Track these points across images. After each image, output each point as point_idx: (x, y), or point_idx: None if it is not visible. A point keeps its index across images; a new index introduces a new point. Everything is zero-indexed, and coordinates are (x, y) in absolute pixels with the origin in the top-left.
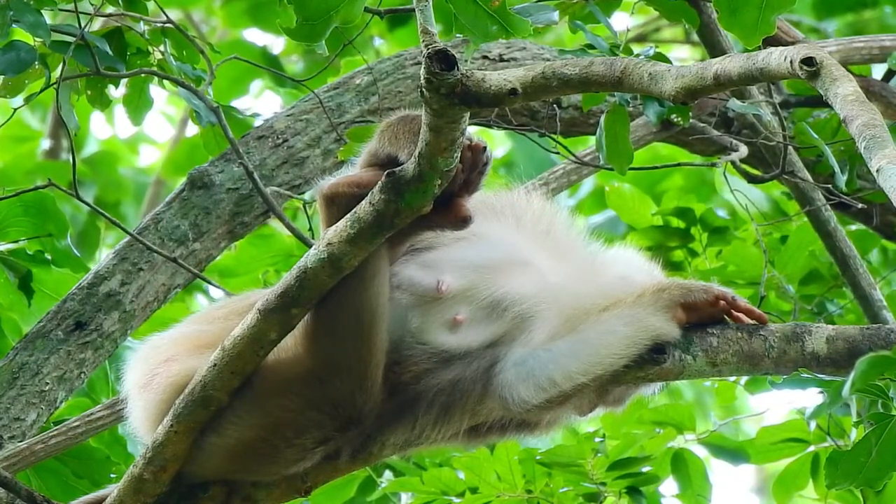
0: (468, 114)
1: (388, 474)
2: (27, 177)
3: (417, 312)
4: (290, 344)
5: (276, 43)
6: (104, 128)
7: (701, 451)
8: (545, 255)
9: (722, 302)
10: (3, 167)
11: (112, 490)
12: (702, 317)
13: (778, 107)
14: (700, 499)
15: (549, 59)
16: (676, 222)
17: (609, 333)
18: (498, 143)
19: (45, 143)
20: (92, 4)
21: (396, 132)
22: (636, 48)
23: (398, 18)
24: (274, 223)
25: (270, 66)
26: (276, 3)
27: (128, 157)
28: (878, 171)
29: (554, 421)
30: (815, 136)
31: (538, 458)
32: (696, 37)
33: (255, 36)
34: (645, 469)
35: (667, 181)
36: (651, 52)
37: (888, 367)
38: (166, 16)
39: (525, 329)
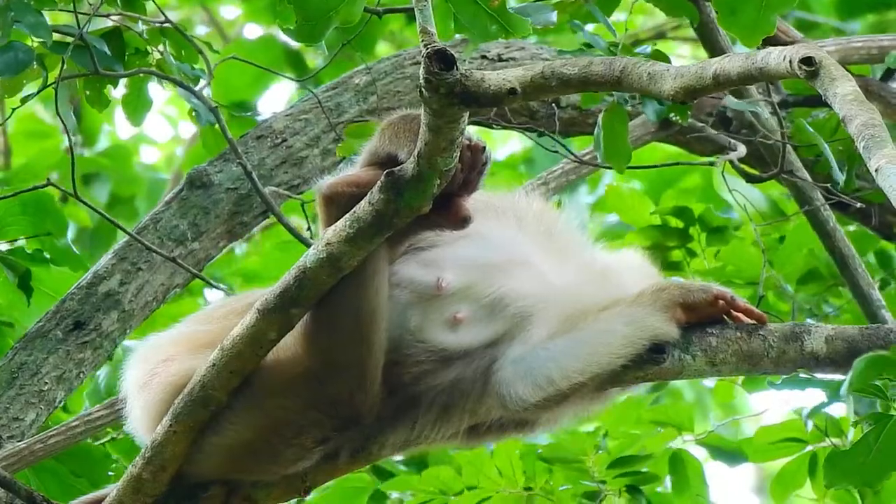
0: (467, 113)
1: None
2: (50, 172)
3: (417, 310)
4: (290, 343)
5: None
6: (109, 127)
7: (700, 452)
8: (546, 254)
9: (721, 302)
10: (27, 163)
11: (111, 490)
12: (701, 317)
13: (776, 106)
14: (699, 499)
15: (547, 59)
16: (675, 222)
17: (608, 333)
18: (512, 141)
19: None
20: (90, 4)
21: (396, 131)
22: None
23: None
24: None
25: (292, 61)
26: None
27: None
28: (877, 170)
29: (553, 420)
30: (814, 133)
31: (539, 451)
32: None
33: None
34: (645, 468)
35: (674, 187)
36: (647, 51)
37: (886, 366)
38: (164, 16)
39: (524, 328)
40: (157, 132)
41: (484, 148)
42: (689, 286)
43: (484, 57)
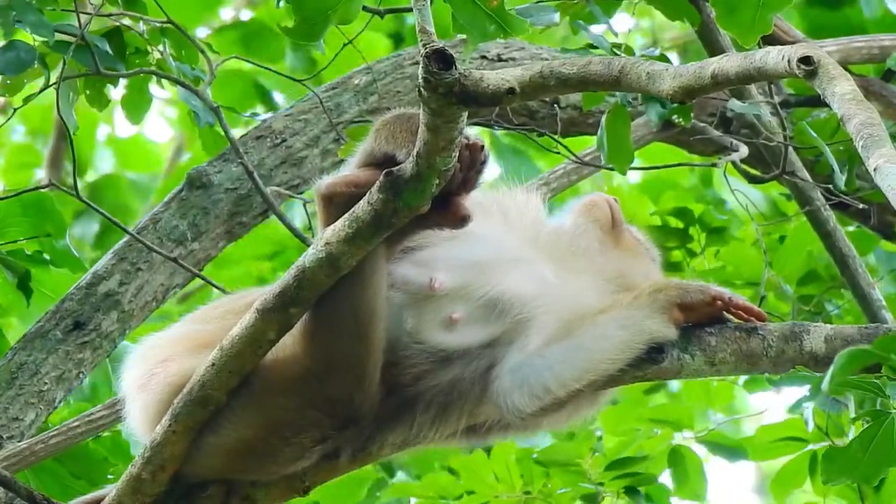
0: (466, 113)
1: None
2: None
3: (412, 311)
4: (289, 343)
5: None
6: (102, 129)
7: (700, 451)
8: (535, 247)
9: (719, 302)
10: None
11: (110, 490)
12: (699, 317)
13: (778, 106)
14: (698, 495)
15: (546, 59)
16: (675, 222)
17: (604, 338)
18: None
19: (39, 173)
20: (92, 4)
21: (393, 131)
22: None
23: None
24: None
25: (262, 97)
26: (267, 33)
27: (131, 160)
28: (875, 169)
29: (554, 423)
30: (816, 137)
31: (535, 456)
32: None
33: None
34: (642, 470)
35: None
36: (656, 53)
37: (867, 360)
38: (166, 15)
39: (521, 331)
40: (157, 133)
41: (482, 147)
42: (687, 286)
43: (483, 57)
